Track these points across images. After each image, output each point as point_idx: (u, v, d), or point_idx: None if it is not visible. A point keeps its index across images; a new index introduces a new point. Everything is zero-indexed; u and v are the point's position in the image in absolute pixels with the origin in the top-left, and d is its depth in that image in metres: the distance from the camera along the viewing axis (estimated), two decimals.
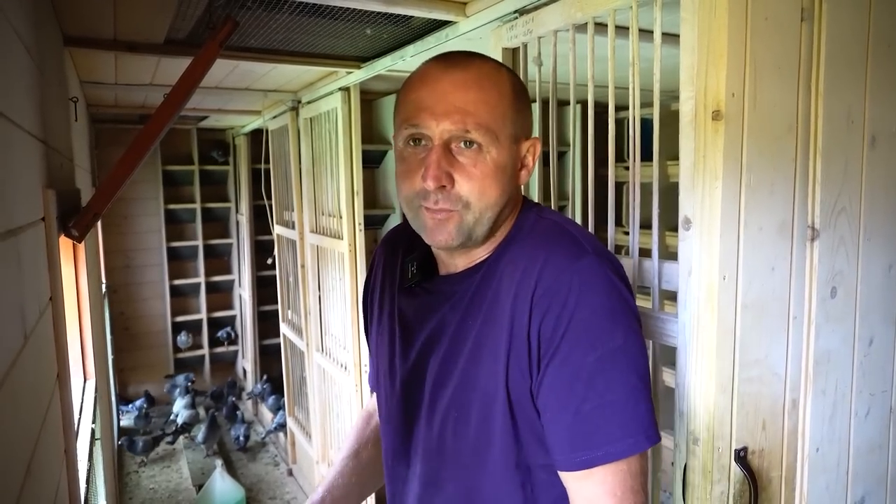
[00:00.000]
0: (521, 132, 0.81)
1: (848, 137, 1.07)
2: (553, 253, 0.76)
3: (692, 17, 0.99)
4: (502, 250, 0.83)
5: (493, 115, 0.77)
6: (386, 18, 1.73)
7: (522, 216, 0.86)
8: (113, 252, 4.50)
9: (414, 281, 0.90)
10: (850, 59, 1.06)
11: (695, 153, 1.00)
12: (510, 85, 0.81)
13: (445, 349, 0.83)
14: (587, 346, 0.72)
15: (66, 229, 1.16)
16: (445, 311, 0.85)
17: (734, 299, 1.00)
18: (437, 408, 0.84)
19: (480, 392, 0.79)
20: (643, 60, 1.17)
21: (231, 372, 5.09)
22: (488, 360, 0.78)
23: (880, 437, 1.20)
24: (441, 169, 0.75)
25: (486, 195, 0.77)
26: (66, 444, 1.04)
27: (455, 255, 0.86)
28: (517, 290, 0.76)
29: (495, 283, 0.80)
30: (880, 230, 1.14)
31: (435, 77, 0.78)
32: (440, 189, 0.76)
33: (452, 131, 0.75)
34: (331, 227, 2.75)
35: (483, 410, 0.79)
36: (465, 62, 0.79)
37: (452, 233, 0.78)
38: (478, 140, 0.75)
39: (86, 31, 1.83)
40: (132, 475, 3.71)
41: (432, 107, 0.76)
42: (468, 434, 0.81)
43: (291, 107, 3.06)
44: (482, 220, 0.78)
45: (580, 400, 0.72)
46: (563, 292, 0.73)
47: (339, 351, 2.76)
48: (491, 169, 0.77)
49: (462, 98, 0.76)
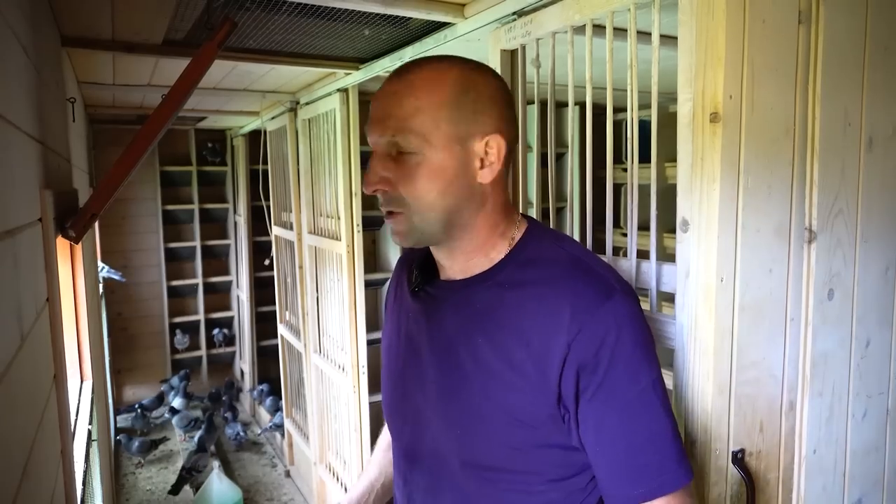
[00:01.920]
0: (471, 130, 0.80)
1: (845, 140, 1.07)
2: (585, 291, 0.77)
3: (690, 20, 0.99)
4: (512, 264, 0.83)
5: (420, 117, 0.77)
6: (384, 20, 1.73)
7: (532, 234, 0.86)
8: (111, 253, 4.49)
9: (416, 284, 0.91)
10: (847, 62, 1.06)
11: (692, 155, 1.00)
12: (451, 85, 0.79)
13: (451, 359, 0.84)
14: (630, 381, 0.75)
15: (64, 230, 1.16)
16: (448, 318, 0.86)
17: (732, 301, 1.00)
18: (441, 419, 0.85)
19: (493, 411, 0.80)
20: (642, 62, 1.17)
21: (229, 373, 5.08)
22: (498, 381, 0.79)
23: (877, 438, 1.20)
24: (376, 174, 0.80)
25: (422, 197, 0.79)
26: (62, 446, 1.04)
27: (444, 259, 0.87)
28: (546, 323, 0.77)
29: (511, 302, 0.80)
30: (877, 232, 1.14)
31: (382, 88, 0.82)
32: (381, 193, 0.80)
33: (384, 137, 0.79)
34: (329, 228, 2.75)
35: (487, 426, 0.80)
36: (412, 67, 0.81)
37: (402, 232, 0.82)
38: (404, 145, 0.78)
39: (84, 32, 1.82)
40: (129, 476, 3.70)
41: (373, 116, 0.81)
42: (469, 445, 0.82)
43: (290, 108, 3.06)
44: (427, 219, 0.80)
45: (631, 434, 0.76)
46: (602, 330, 0.75)
47: (337, 352, 2.75)
48: (426, 170, 0.78)
49: (393, 105, 0.79)
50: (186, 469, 3.42)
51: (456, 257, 0.86)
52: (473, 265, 0.85)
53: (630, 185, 1.21)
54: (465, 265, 0.86)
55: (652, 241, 1.16)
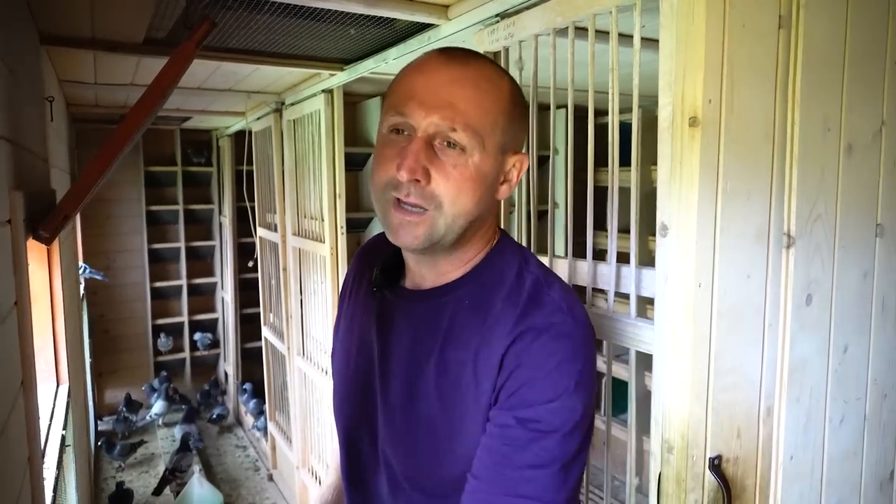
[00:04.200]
0: (510, 144, 0.77)
1: (824, 145, 1.07)
2: (531, 315, 0.73)
3: (671, 23, 0.99)
4: (476, 280, 0.79)
5: (483, 118, 0.73)
6: (369, 20, 1.72)
7: (501, 251, 0.82)
8: (93, 254, 4.43)
9: (377, 285, 0.87)
10: (827, 68, 1.06)
11: (671, 159, 0.99)
12: (509, 93, 0.77)
13: (408, 375, 0.80)
14: (532, 415, 0.71)
15: (35, 232, 1.14)
16: (410, 331, 0.81)
17: (710, 307, 1.00)
18: (393, 435, 0.81)
19: (445, 432, 0.77)
20: (624, 66, 1.16)
21: (213, 375, 5.03)
22: (458, 403, 0.76)
23: (854, 444, 1.20)
24: (419, 162, 0.71)
25: (460, 200, 0.73)
26: (30, 453, 1.01)
27: (424, 266, 0.82)
28: (490, 350, 0.74)
29: (472, 324, 0.77)
30: (856, 238, 1.14)
31: (432, 68, 0.75)
32: (414, 182, 0.72)
33: (439, 126, 0.72)
34: (313, 230, 2.73)
35: (445, 449, 0.77)
36: (467, 59, 0.76)
37: (420, 236, 0.74)
38: (462, 141, 0.72)
39: (63, 30, 1.80)
40: (109, 480, 3.65)
41: (423, 98, 0.73)
42: (415, 465, 0.79)
43: (275, 108, 3.04)
44: (453, 226, 0.74)
45: (507, 462, 0.71)
46: (525, 359, 0.71)
47: (321, 355, 2.73)
48: (471, 174, 0.73)
49: (455, 94, 0.72)
50: (169, 470, 3.37)
51: (439, 267, 0.81)
52: (444, 277, 0.81)
53: (611, 188, 1.20)
54: (438, 276, 0.81)
55: (632, 246, 1.16)
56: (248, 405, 4.22)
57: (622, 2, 1.11)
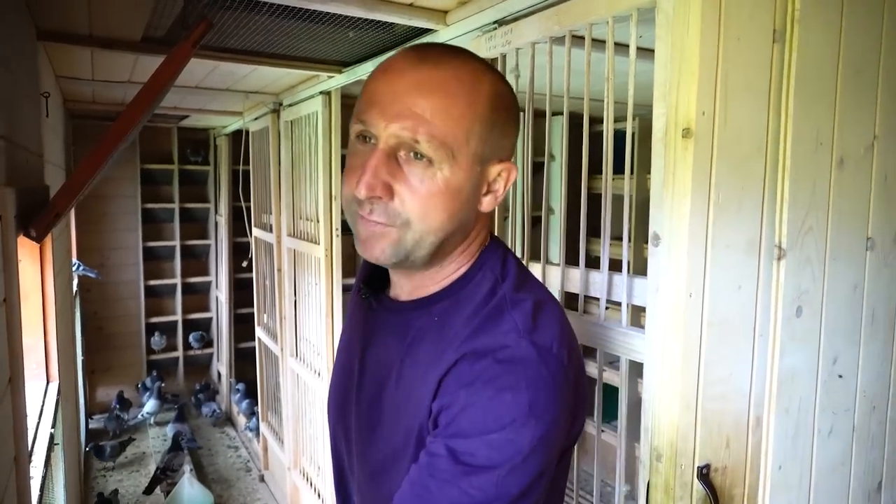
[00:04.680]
0: (492, 153, 0.70)
1: (816, 158, 1.08)
2: (480, 336, 0.67)
3: (666, 34, 1.00)
4: (451, 297, 0.73)
5: (454, 128, 0.65)
6: (368, 24, 1.72)
7: (481, 266, 0.74)
8: (88, 250, 4.41)
9: (364, 293, 0.84)
10: (819, 82, 1.07)
11: (664, 170, 1.00)
12: (488, 96, 0.68)
13: (377, 387, 0.77)
14: (466, 447, 0.63)
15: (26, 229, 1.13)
16: (384, 342, 0.78)
17: (700, 317, 1.00)
18: (357, 444, 0.80)
19: (393, 448, 0.73)
20: (620, 75, 1.17)
21: (206, 375, 5.02)
22: (406, 422, 0.71)
23: (843, 455, 1.21)
24: (378, 178, 0.65)
25: (429, 217, 0.67)
26: (16, 452, 1.01)
27: (400, 277, 0.78)
28: (437, 365, 0.68)
29: (435, 343, 0.71)
30: (846, 250, 1.15)
31: (398, 70, 0.67)
32: (375, 199, 0.66)
33: (400, 137, 0.65)
34: (308, 231, 2.73)
35: (391, 464, 0.73)
36: (440, 59, 0.68)
37: (386, 250, 0.69)
38: (427, 153, 0.65)
39: (60, 26, 1.79)
40: (99, 479, 3.63)
41: (385, 105, 0.66)
42: (376, 478, 0.76)
43: (272, 109, 3.03)
44: (423, 243, 0.68)
45: (428, 497, 0.63)
46: (471, 363, 0.65)
47: (314, 357, 2.73)
48: (440, 189, 0.66)
49: (420, 101, 0.65)
50: (161, 469, 3.36)
51: (415, 280, 0.76)
52: (424, 289, 0.76)
53: (604, 196, 1.21)
54: (415, 288, 0.76)
55: (624, 254, 1.16)
56: (240, 405, 4.21)
57: (619, 12, 1.12)
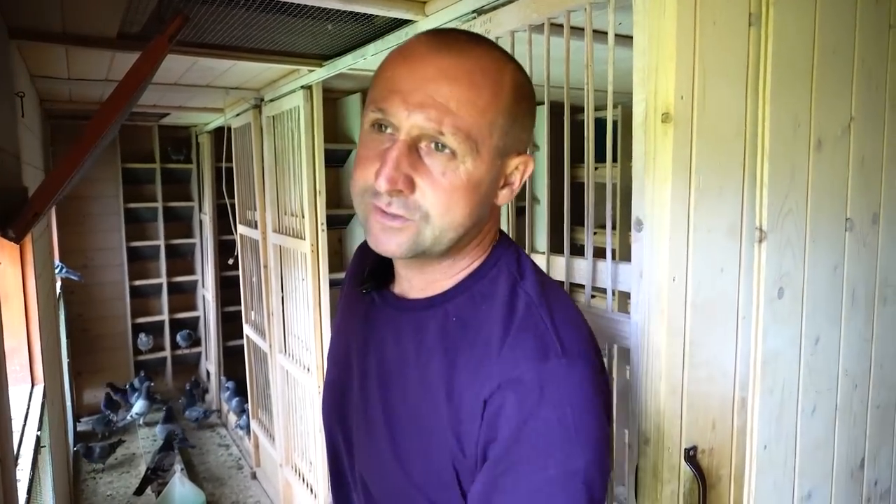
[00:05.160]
0: (512, 146, 0.68)
1: (794, 141, 1.09)
2: (518, 347, 0.65)
3: (644, 20, 1.00)
4: (465, 293, 0.71)
5: (478, 120, 0.63)
6: (346, 16, 1.71)
7: (496, 261, 0.73)
8: (70, 252, 4.36)
9: (365, 287, 0.80)
10: (796, 64, 1.08)
11: (645, 156, 1.00)
12: (512, 87, 0.66)
13: (384, 390, 0.74)
14: (535, 464, 0.61)
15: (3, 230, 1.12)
16: (392, 342, 0.75)
17: (684, 300, 1.01)
18: (365, 448, 0.77)
19: (412, 455, 0.70)
20: (600, 63, 1.17)
21: (194, 374, 4.99)
22: (429, 428, 0.69)
23: (826, 433, 1.23)
24: (400, 170, 0.63)
25: (451, 212, 0.65)
26: (1, 454, 1.00)
27: (411, 272, 0.74)
28: (473, 376, 0.66)
29: (454, 345, 0.69)
30: (826, 232, 1.16)
31: (420, 57, 0.64)
32: (395, 192, 0.64)
33: (424, 128, 0.62)
34: (293, 226, 2.71)
35: (409, 473, 0.70)
36: (463, 47, 0.65)
37: (403, 245, 0.66)
38: (451, 146, 0.63)
39: (32, 24, 1.76)
40: (89, 481, 3.61)
41: (407, 93, 0.63)
42: (390, 486, 0.73)
43: (254, 105, 3.01)
44: (442, 238, 0.66)
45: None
46: (520, 397, 0.62)
47: (303, 352, 2.72)
48: (462, 182, 0.64)
49: (445, 91, 0.62)
50: (152, 469, 3.34)
51: (427, 275, 0.73)
52: (434, 286, 0.73)
53: (587, 184, 1.21)
54: (428, 284, 0.74)
55: (608, 241, 1.17)
56: (230, 403, 4.19)
57: None
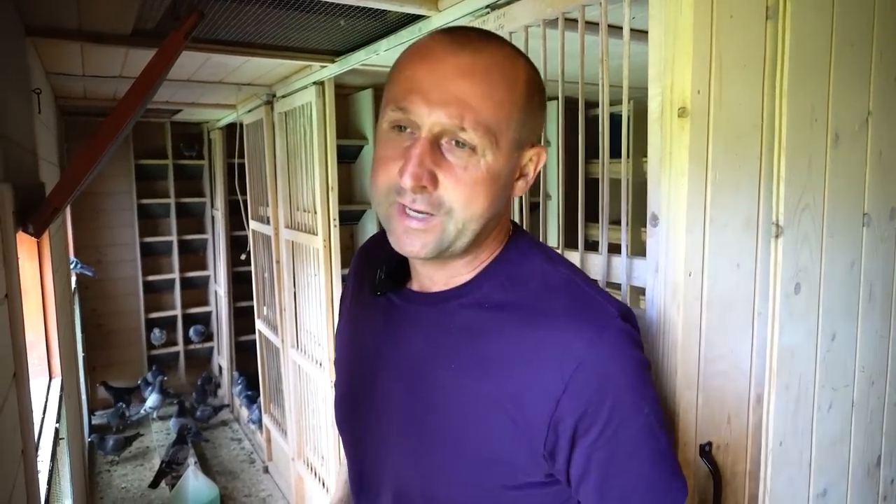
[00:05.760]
0: (527, 138, 0.71)
1: (812, 135, 1.08)
2: (581, 322, 0.68)
3: (660, 14, 0.99)
4: (492, 280, 0.73)
5: (497, 114, 0.66)
6: (359, 12, 1.71)
7: (518, 247, 0.76)
8: (84, 247, 4.40)
9: (381, 288, 0.81)
10: (813, 58, 1.07)
11: (661, 150, 1.00)
12: (525, 81, 0.69)
13: (419, 387, 0.75)
14: (635, 415, 0.68)
15: (24, 225, 1.13)
16: (418, 336, 0.76)
17: (700, 295, 1.01)
18: (405, 450, 0.76)
19: (464, 449, 0.72)
20: (615, 57, 1.17)
21: (207, 368, 5.03)
22: (473, 415, 0.71)
23: (842, 430, 1.22)
24: (424, 167, 0.65)
25: (473, 205, 0.67)
26: (23, 445, 1.01)
27: (432, 268, 0.75)
28: (534, 356, 0.68)
29: (491, 327, 0.71)
30: (843, 227, 1.15)
31: (438, 56, 0.67)
32: (420, 189, 0.65)
33: (445, 125, 0.65)
34: (306, 222, 2.73)
35: (455, 462, 0.72)
36: (478, 44, 0.67)
37: (429, 244, 0.68)
38: (472, 141, 0.65)
39: (49, 21, 1.78)
40: (103, 474, 3.65)
41: (427, 91, 0.65)
42: (434, 481, 0.74)
43: (266, 101, 3.02)
44: (465, 231, 0.68)
45: (638, 466, 0.69)
46: (602, 367, 0.67)
47: (315, 347, 2.74)
48: (483, 175, 0.66)
49: (465, 88, 0.65)
50: (166, 462, 3.38)
51: (449, 269, 0.74)
52: (456, 278, 0.75)
53: (602, 179, 1.21)
54: (450, 277, 0.75)
55: (623, 237, 1.17)
56: (242, 398, 4.22)
57: None
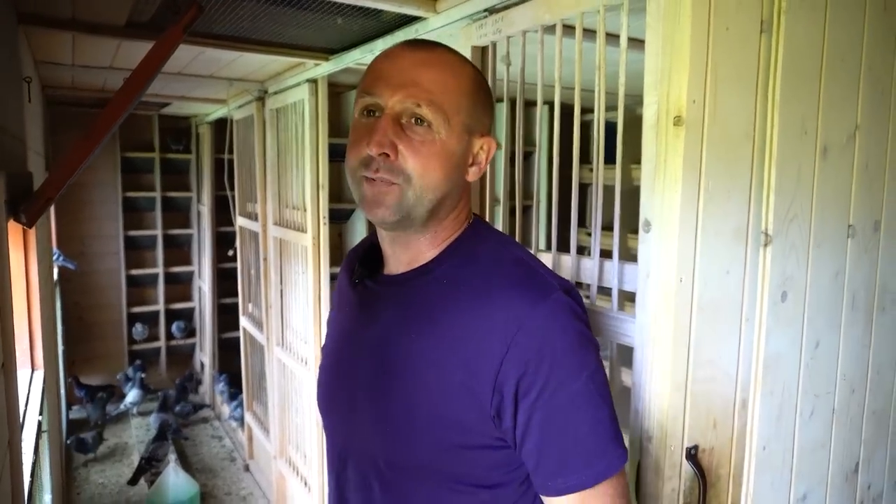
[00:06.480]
0: (476, 126, 0.82)
1: (801, 147, 1.11)
2: (522, 291, 0.77)
3: (657, 24, 1.01)
4: (450, 260, 0.83)
5: (448, 97, 0.78)
6: (356, 11, 1.71)
7: (476, 231, 0.87)
8: (68, 239, 4.35)
9: (357, 276, 0.91)
10: (805, 71, 1.09)
11: (656, 157, 1.02)
12: (471, 77, 0.82)
13: (383, 356, 0.83)
14: (572, 377, 0.75)
15: (16, 214, 1.12)
16: (384, 313, 0.85)
17: (690, 301, 1.02)
18: (369, 417, 0.84)
19: (420, 411, 0.79)
20: (611, 64, 1.18)
21: (189, 365, 4.98)
22: (428, 381, 0.79)
23: (823, 436, 1.25)
24: (386, 136, 0.76)
25: (428, 174, 0.77)
26: (10, 436, 1.00)
27: (399, 248, 0.85)
28: (481, 324, 0.76)
29: (447, 300, 0.80)
30: (829, 238, 1.18)
31: (398, 53, 0.81)
32: (383, 157, 0.76)
33: (405, 103, 0.76)
34: (295, 220, 2.72)
35: (414, 426, 0.79)
36: (433, 46, 0.82)
37: (391, 206, 0.78)
38: (428, 118, 0.76)
39: (42, 9, 1.76)
40: (81, 469, 3.60)
41: (389, 78, 0.78)
42: (395, 445, 0.81)
43: (258, 97, 3.01)
44: (422, 199, 0.78)
45: (575, 427, 0.76)
46: (541, 331, 0.74)
47: (300, 345, 2.73)
48: (438, 150, 0.78)
49: (420, 74, 0.78)
50: (146, 459, 3.34)
51: (411, 247, 0.85)
52: (420, 259, 0.85)
53: (595, 185, 1.22)
54: (413, 258, 0.85)
55: (615, 242, 1.18)
56: (224, 395, 4.19)
57: (610, 1, 1.13)
